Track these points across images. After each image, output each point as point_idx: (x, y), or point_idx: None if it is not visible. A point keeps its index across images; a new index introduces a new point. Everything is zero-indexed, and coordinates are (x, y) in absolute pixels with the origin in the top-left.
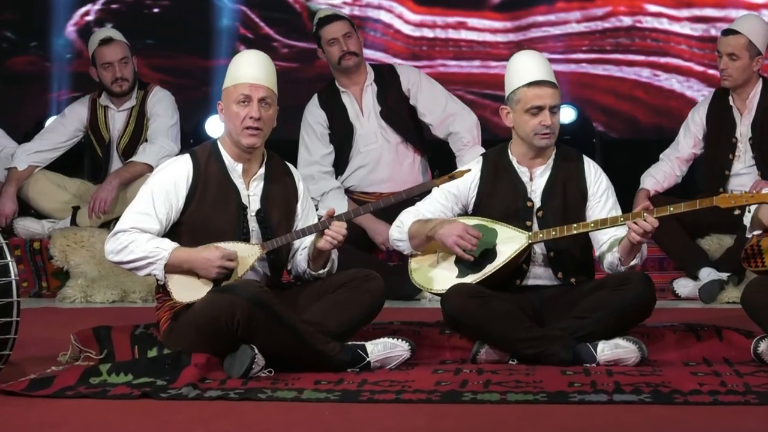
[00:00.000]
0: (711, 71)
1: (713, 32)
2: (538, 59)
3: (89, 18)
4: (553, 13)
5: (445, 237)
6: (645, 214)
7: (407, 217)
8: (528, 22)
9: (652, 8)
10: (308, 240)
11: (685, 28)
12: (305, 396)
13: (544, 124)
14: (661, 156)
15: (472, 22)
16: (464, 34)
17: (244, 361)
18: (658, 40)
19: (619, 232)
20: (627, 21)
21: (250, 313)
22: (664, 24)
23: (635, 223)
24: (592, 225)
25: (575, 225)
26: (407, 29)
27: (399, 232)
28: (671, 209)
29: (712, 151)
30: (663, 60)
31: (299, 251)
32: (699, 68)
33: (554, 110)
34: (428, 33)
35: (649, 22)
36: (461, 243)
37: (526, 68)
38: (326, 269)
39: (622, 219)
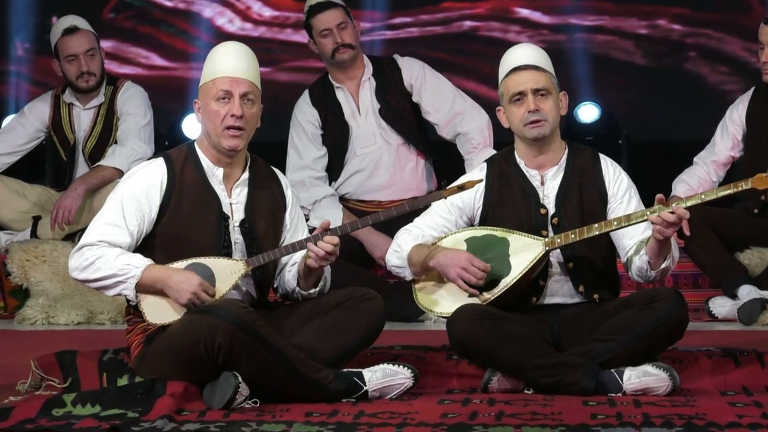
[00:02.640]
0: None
1: None
2: (522, 48)
3: None
4: None
5: (447, 268)
6: (674, 204)
7: (406, 239)
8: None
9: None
10: (298, 255)
11: None
12: (295, 430)
13: (529, 110)
14: (695, 159)
15: None
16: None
17: (226, 391)
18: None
19: (648, 233)
20: None
21: (232, 336)
22: None
23: (658, 215)
24: (615, 223)
25: (596, 225)
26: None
27: (397, 257)
28: (703, 197)
29: (753, 154)
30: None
31: (287, 267)
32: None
33: (541, 93)
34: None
35: None
36: (465, 276)
37: (509, 59)
38: (317, 288)
39: (648, 213)
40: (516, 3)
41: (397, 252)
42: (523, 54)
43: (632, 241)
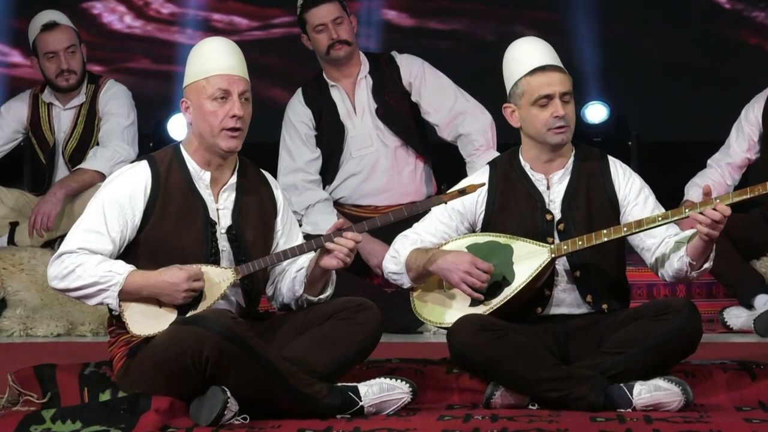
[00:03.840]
0: None
1: None
2: (539, 43)
3: None
4: None
5: (449, 272)
6: (716, 201)
7: (403, 244)
8: None
9: None
10: (303, 259)
11: None
12: None
13: (556, 115)
14: (709, 162)
15: None
16: None
17: (214, 406)
18: None
19: (671, 231)
20: None
21: (221, 348)
22: None
23: (701, 213)
24: (626, 229)
25: (605, 231)
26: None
27: (395, 263)
28: (733, 197)
29: None
30: None
31: (292, 273)
32: None
33: (566, 98)
34: None
35: None
36: (469, 280)
37: (527, 55)
38: (327, 293)
39: (660, 218)
40: None
41: (395, 258)
42: (543, 52)
43: (656, 239)
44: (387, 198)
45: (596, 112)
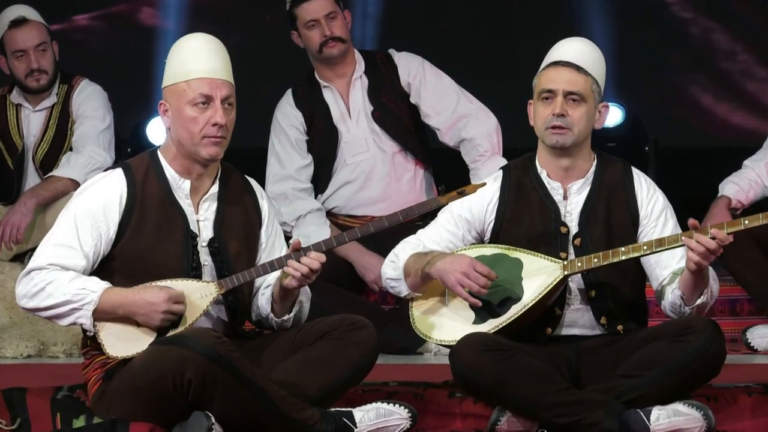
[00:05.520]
0: None
1: None
2: (573, 42)
3: None
4: None
5: (445, 274)
6: (713, 229)
7: (404, 249)
8: None
9: None
10: (272, 276)
11: None
12: None
13: (555, 113)
14: (745, 162)
15: None
16: None
17: None
18: None
19: (684, 262)
20: None
21: (204, 370)
22: None
23: (696, 240)
24: (646, 248)
25: (623, 249)
26: None
27: (393, 268)
28: (746, 222)
29: None
30: None
31: (261, 290)
32: None
33: (574, 98)
34: None
35: None
36: (465, 282)
37: (556, 51)
38: (292, 314)
39: (683, 237)
40: None
41: (394, 262)
42: (571, 49)
43: (667, 271)
44: (384, 208)
45: (610, 115)
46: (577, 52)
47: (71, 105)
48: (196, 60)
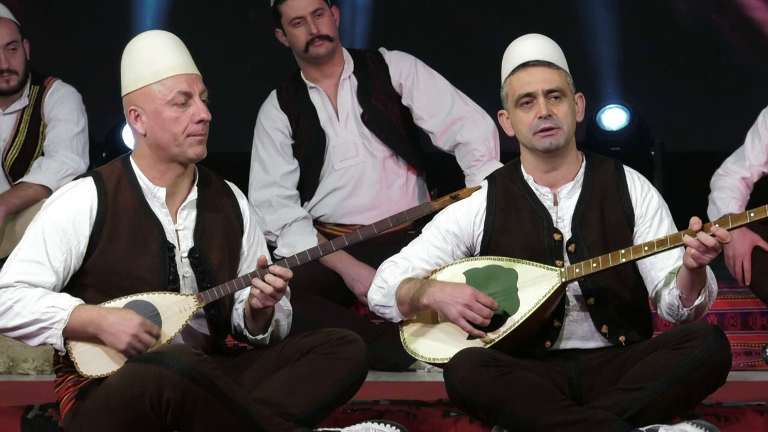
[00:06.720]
0: None
1: None
2: (531, 39)
3: None
4: None
5: (446, 306)
6: (715, 225)
7: (392, 273)
8: None
9: None
10: (247, 291)
11: None
12: None
13: (540, 116)
14: (719, 172)
15: None
16: None
17: None
18: None
19: (681, 262)
20: None
21: (184, 389)
22: None
23: (698, 239)
24: (647, 248)
25: (622, 251)
26: None
27: (383, 294)
28: (752, 215)
29: None
30: None
31: (235, 305)
32: None
33: (555, 95)
34: None
35: None
36: (469, 315)
37: (515, 52)
38: (267, 334)
39: (686, 237)
40: None
41: (382, 288)
42: (532, 47)
43: (662, 273)
44: (374, 216)
45: (614, 118)
46: (541, 48)
47: (43, 107)
48: (164, 58)
